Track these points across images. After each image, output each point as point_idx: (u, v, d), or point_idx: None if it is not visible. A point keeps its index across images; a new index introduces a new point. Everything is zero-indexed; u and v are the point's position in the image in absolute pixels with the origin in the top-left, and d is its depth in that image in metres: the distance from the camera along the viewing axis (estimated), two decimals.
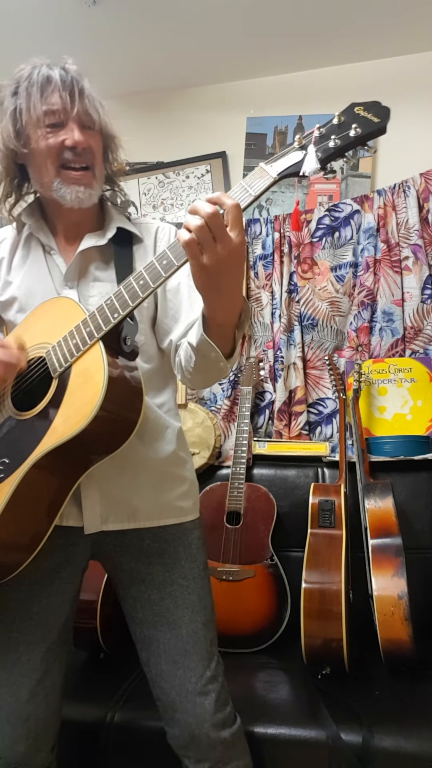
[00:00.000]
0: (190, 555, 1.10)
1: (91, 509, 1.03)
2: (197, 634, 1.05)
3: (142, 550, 1.07)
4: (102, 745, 1.31)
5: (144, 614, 1.07)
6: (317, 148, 0.81)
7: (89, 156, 1.03)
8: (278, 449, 2.09)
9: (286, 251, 2.31)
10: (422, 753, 1.19)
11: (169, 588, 1.06)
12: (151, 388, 1.10)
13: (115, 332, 0.92)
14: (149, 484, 1.08)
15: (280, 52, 2.35)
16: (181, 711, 1.02)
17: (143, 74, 2.48)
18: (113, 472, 1.03)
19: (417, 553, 1.77)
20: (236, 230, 0.79)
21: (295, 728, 1.26)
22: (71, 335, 0.94)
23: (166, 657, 1.04)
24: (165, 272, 0.86)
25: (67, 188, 1.03)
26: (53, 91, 1.00)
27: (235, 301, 0.87)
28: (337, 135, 0.80)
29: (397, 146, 2.35)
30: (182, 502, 1.12)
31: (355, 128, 0.79)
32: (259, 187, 0.83)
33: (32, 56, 1.09)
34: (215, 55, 2.37)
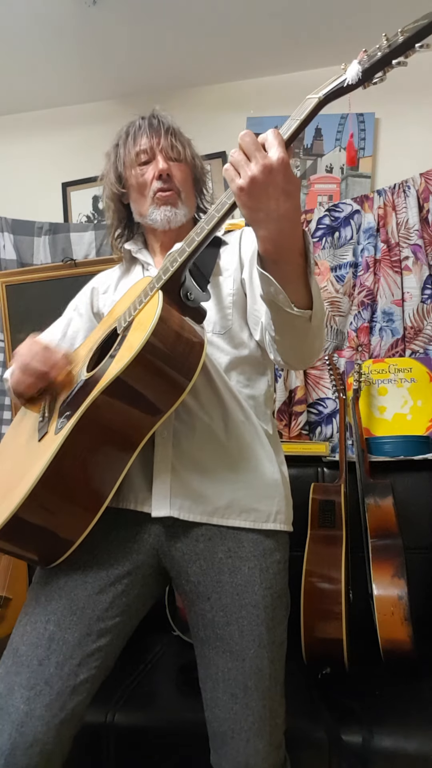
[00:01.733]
0: (266, 580, 0.99)
1: (161, 491, 0.98)
2: (261, 672, 0.96)
3: (214, 563, 0.99)
4: (102, 745, 1.31)
5: (206, 634, 0.99)
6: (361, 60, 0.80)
7: (174, 181, 1.16)
8: None
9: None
10: (422, 753, 1.19)
11: (237, 614, 0.96)
12: (240, 376, 1.09)
13: (174, 283, 0.92)
14: (225, 473, 1.01)
15: (280, 52, 2.35)
16: (232, 746, 0.95)
17: (143, 74, 2.48)
18: (189, 457, 1.00)
19: (417, 553, 1.77)
20: (274, 147, 0.77)
21: (295, 728, 1.26)
22: (138, 297, 0.98)
23: (224, 686, 0.96)
24: (217, 212, 0.86)
25: (157, 210, 1.16)
26: (142, 135, 1.17)
27: (285, 230, 0.80)
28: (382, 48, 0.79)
29: (397, 146, 2.35)
30: (262, 505, 1.03)
31: (401, 32, 0.78)
32: (304, 110, 0.81)
33: (32, 56, 1.12)
34: (215, 55, 2.37)
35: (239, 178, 0.78)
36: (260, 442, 1.07)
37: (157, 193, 1.15)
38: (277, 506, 1.06)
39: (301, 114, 0.80)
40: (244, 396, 1.08)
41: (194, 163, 1.22)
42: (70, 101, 2.61)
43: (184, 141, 1.20)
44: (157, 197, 1.16)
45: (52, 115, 2.67)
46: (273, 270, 0.83)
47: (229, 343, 1.09)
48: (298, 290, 0.85)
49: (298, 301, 0.85)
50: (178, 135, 1.19)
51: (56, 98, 2.60)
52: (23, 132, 2.70)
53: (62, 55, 2.29)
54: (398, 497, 1.74)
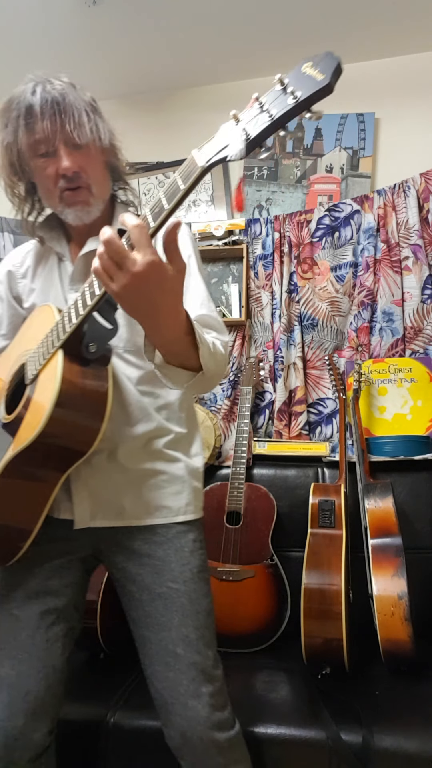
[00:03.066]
0: (181, 558, 1.09)
1: (80, 506, 1.07)
2: (188, 638, 1.04)
3: (133, 551, 1.09)
4: (102, 745, 1.31)
5: (137, 614, 1.08)
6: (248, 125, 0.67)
7: (82, 177, 1.04)
8: (278, 449, 2.09)
9: (286, 251, 2.31)
10: (422, 753, 1.19)
11: (159, 590, 1.06)
12: (151, 389, 1.12)
13: (74, 339, 0.91)
14: (134, 483, 1.10)
15: (281, 52, 2.35)
16: (174, 713, 1.02)
17: (143, 74, 2.48)
18: (100, 470, 1.06)
19: (417, 553, 1.77)
20: (142, 250, 0.74)
21: (295, 728, 1.26)
22: (42, 344, 0.98)
23: (158, 658, 1.05)
24: (99, 289, 0.83)
25: (68, 209, 1.07)
26: (35, 121, 0.99)
27: (165, 323, 0.84)
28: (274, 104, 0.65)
29: (397, 146, 2.35)
30: (171, 501, 1.11)
31: (293, 93, 0.63)
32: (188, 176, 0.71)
33: (32, 56, 1.09)
34: (215, 55, 2.37)
35: (113, 284, 0.77)
36: (170, 446, 1.13)
37: (65, 192, 1.04)
38: (186, 500, 1.13)
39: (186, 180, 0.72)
40: (155, 407, 1.12)
41: (100, 140, 1.05)
42: None
43: (85, 115, 1.02)
44: (65, 196, 1.05)
45: None
46: (164, 351, 0.90)
47: (140, 358, 1.10)
48: (190, 359, 0.91)
49: (191, 367, 0.92)
50: (80, 113, 1.00)
51: None
52: None
53: (62, 55, 2.29)
54: (398, 497, 1.74)
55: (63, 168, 1.01)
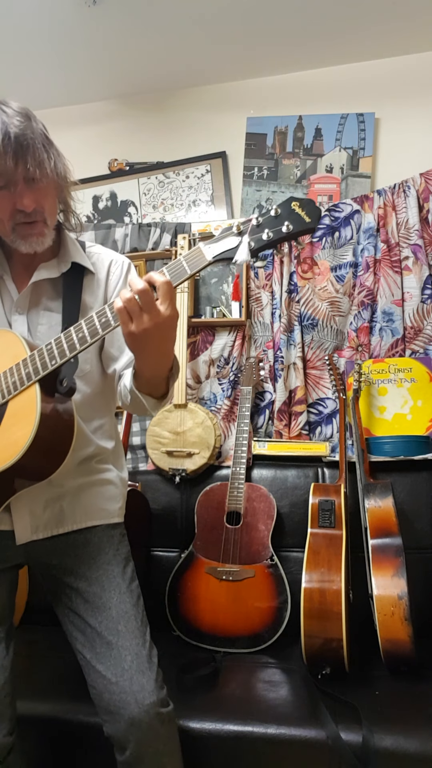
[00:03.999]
0: (112, 545, 1.19)
1: (21, 522, 1.11)
2: (127, 614, 1.10)
3: (68, 544, 1.16)
4: (102, 745, 1.31)
5: (76, 604, 1.13)
6: (251, 238, 0.88)
7: (39, 212, 1.07)
8: (278, 449, 2.09)
9: (286, 251, 2.31)
10: (422, 753, 1.19)
11: (95, 573, 1.13)
12: (89, 411, 1.18)
13: (52, 375, 1.00)
14: (73, 493, 1.16)
15: (281, 52, 2.35)
16: (119, 691, 1.03)
17: (143, 74, 2.48)
18: (40, 489, 1.09)
19: (417, 553, 1.77)
20: (166, 304, 0.88)
21: (295, 728, 1.26)
22: (11, 372, 1.02)
23: (100, 639, 1.08)
24: (102, 330, 0.95)
25: (21, 241, 1.08)
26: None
27: (161, 363, 0.98)
28: (270, 228, 0.87)
29: (397, 146, 2.35)
30: (107, 505, 1.21)
31: (287, 225, 0.86)
32: (195, 266, 0.91)
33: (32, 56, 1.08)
34: (215, 55, 2.37)
35: (132, 325, 0.89)
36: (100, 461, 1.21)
37: (20, 225, 1.06)
38: (119, 503, 1.25)
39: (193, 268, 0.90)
40: (92, 429, 1.19)
41: (57, 175, 1.07)
42: (70, 101, 2.61)
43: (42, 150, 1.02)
44: (21, 229, 1.06)
45: (52, 114, 2.66)
46: (144, 381, 1.02)
47: (84, 384, 1.17)
48: (160, 390, 1.05)
49: (156, 395, 1.05)
50: (38, 151, 1.01)
51: (56, 98, 2.60)
52: None
53: (62, 55, 2.29)
54: (398, 497, 1.74)
55: (23, 205, 1.03)
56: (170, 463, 2.05)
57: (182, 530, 1.96)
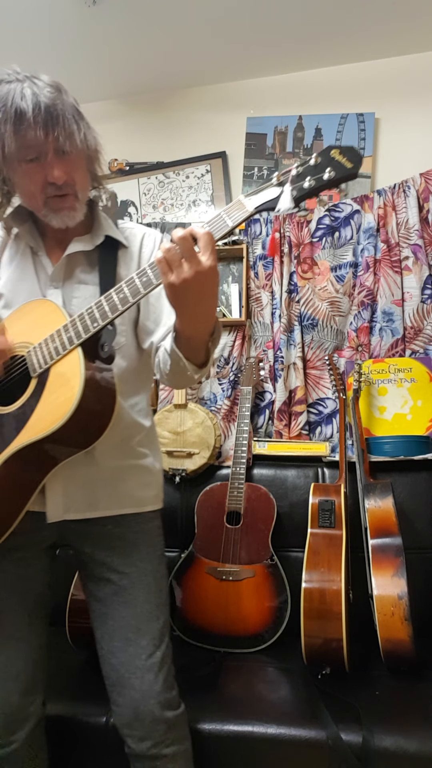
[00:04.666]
0: (148, 540, 1.17)
1: (54, 499, 1.09)
2: (151, 614, 1.11)
3: (103, 534, 1.14)
4: (102, 745, 1.31)
5: (103, 593, 1.13)
6: (293, 187, 0.87)
7: (70, 185, 1.06)
8: (278, 449, 2.09)
9: (286, 251, 2.30)
10: (422, 753, 1.19)
11: (127, 569, 1.13)
12: (127, 388, 1.16)
13: (93, 339, 0.98)
14: (108, 476, 1.14)
15: (280, 52, 2.35)
16: (129, 687, 1.07)
17: (143, 74, 2.48)
18: (76, 465, 1.07)
19: (417, 553, 1.77)
20: (206, 254, 0.86)
21: (295, 728, 1.26)
22: (52, 338, 1.00)
23: (120, 634, 1.10)
24: (143, 289, 0.93)
25: (53, 214, 1.07)
26: (27, 128, 0.98)
27: (203, 320, 0.95)
28: (312, 176, 0.85)
29: (397, 146, 2.35)
30: (142, 491, 1.18)
31: (329, 172, 0.84)
32: (236, 218, 0.89)
33: (32, 56, 1.08)
34: (215, 55, 2.37)
35: (172, 276, 0.87)
36: (137, 443, 1.18)
37: (52, 198, 1.05)
38: (155, 491, 1.22)
39: (234, 221, 0.89)
40: (128, 406, 1.17)
41: (87, 147, 1.07)
42: None
43: (74, 122, 1.02)
44: (52, 203, 1.06)
45: None
46: (184, 342, 0.99)
47: (120, 358, 1.14)
48: (199, 356, 1.01)
49: (196, 361, 1.01)
50: (69, 122, 1.01)
51: None
52: None
53: (62, 55, 2.29)
54: (398, 497, 1.74)
55: (54, 177, 1.02)
56: (170, 463, 2.05)
57: (182, 530, 1.96)
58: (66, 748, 1.33)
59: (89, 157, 1.10)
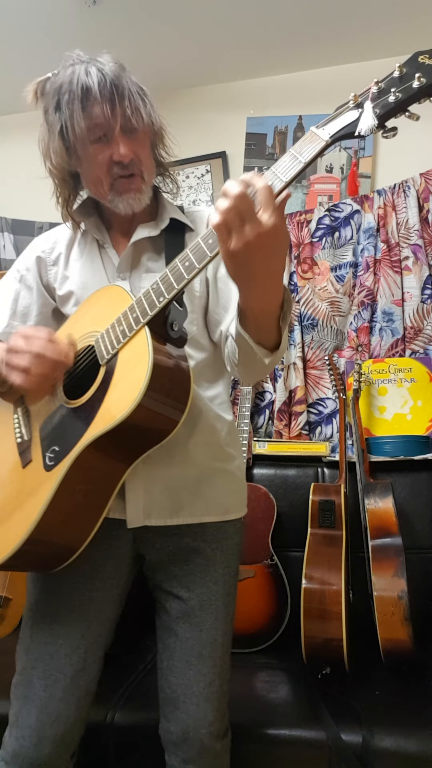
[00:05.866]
0: (225, 560, 1.09)
1: (135, 503, 1.02)
2: (215, 642, 1.05)
3: (180, 546, 1.06)
4: (102, 745, 1.31)
5: (170, 606, 1.06)
6: (375, 104, 0.73)
7: (136, 165, 1.02)
8: (278, 449, 2.09)
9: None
10: (422, 753, 1.19)
11: (199, 589, 1.05)
12: (203, 380, 1.09)
13: (161, 317, 0.89)
14: (194, 479, 1.06)
15: (281, 52, 2.35)
16: (183, 710, 1.02)
17: (143, 74, 2.45)
18: (159, 465, 1.01)
19: (417, 553, 1.77)
20: (269, 211, 0.72)
21: (295, 728, 1.26)
22: (118, 322, 0.93)
23: (181, 654, 1.03)
24: (210, 252, 0.82)
25: (119, 198, 1.03)
26: (94, 104, 0.96)
27: (270, 290, 0.81)
28: (398, 88, 0.72)
29: (397, 146, 2.34)
30: (226, 498, 1.10)
31: (419, 78, 0.71)
32: (309, 153, 0.75)
33: (32, 56, 1.08)
34: (215, 55, 2.37)
35: (232, 242, 0.74)
36: (224, 441, 1.10)
37: (119, 180, 1.02)
38: (239, 497, 1.14)
39: (306, 156, 0.75)
40: (207, 398, 1.09)
41: (152, 126, 1.04)
42: None
43: (140, 101, 1.01)
44: (119, 184, 1.02)
45: None
46: (251, 322, 0.86)
47: (193, 348, 1.07)
48: (270, 338, 0.88)
49: (267, 345, 0.88)
50: (135, 97, 0.99)
51: None
52: (24, 132, 2.70)
53: (62, 55, 2.29)
54: (398, 497, 1.74)
55: (120, 155, 0.98)
56: None
57: None
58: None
59: (154, 137, 1.07)
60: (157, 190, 1.16)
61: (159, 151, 1.11)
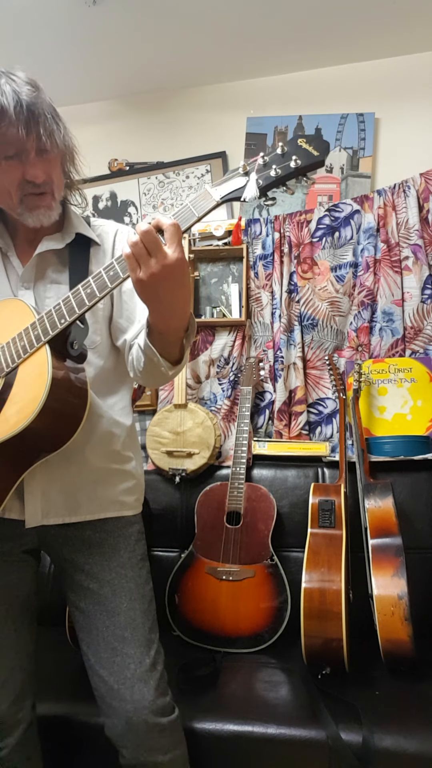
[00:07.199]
0: (128, 546, 1.15)
1: (32, 504, 1.07)
2: (135, 621, 1.09)
3: (83, 540, 1.12)
4: (101, 745, 1.31)
5: (85, 603, 1.11)
6: (259, 176, 0.86)
7: (48, 184, 1.06)
8: (278, 449, 2.09)
9: (286, 251, 2.30)
10: (422, 753, 1.19)
11: (108, 576, 1.11)
12: (104, 387, 1.15)
13: (61, 337, 0.96)
14: (91, 480, 1.12)
15: (280, 52, 2.35)
16: (119, 698, 1.04)
17: (143, 74, 2.48)
18: (55, 468, 1.06)
19: (417, 553, 1.77)
20: (173, 247, 0.85)
21: (295, 728, 1.26)
22: (20, 337, 0.99)
23: (105, 644, 1.07)
24: (111, 283, 0.91)
25: (29, 213, 1.07)
26: (8, 125, 0.97)
27: (176, 314, 0.92)
28: (278, 165, 0.85)
29: (397, 146, 2.35)
30: (124, 497, 1.17)
31: (295, 160, 0.84)
32: (202, 208, 0.88)
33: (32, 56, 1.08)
34: (215, 55, 2.37)
35: (140, 271, 0.85)
36: (121, 444, 1.17)
37: (29, 196, 1.05)
38: (136, 495, 1.20)
39: (200, 211, 0.88)
40: (107, 405, 1.15)
41: (65, 147, 1.07)
42: (70, 101, 2.61)
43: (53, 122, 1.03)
44: (29, 200, 1.05)
45: None
46: (158, 338, 0.96)
47: (96, 356, 1.13)
48: (173, 353, 0.99)
49: (170, 359, 0.98)
50: (49, 121, 1.02)
51: (56, 98, 2.58)
52: None
53: (62, 55, 2.29)
54: (398, 497, 1.74)
55: (33, 175, 1.02)
56: (170, 463, 2.05)
57: (182, 530, 1.96)
58: (66, 748, 1.33)
59: (65, 157, 1.10)
60: (65, 202, 1.19)
61: (69, 168, 1.14)
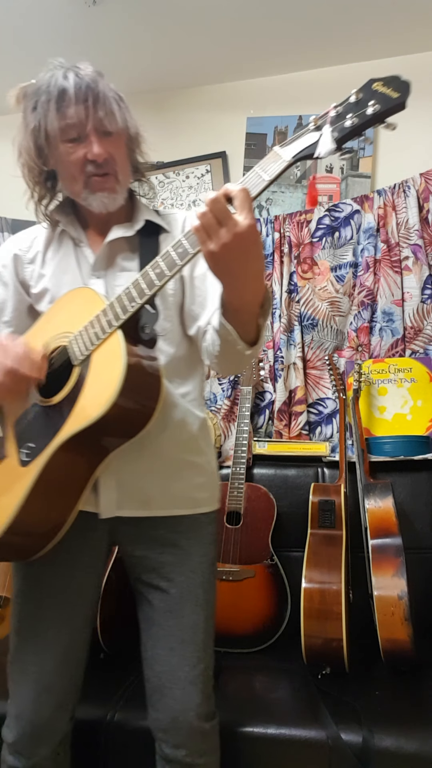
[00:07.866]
0: (201, 548, 1.13)
1: (107, 495, 1.06)
2: (197, 626, 1.08)
3: (156, 539, 1.10)
4: (101, 744, 1.31)
5: (152, 599, 1.10)
6: (333, 128, 0.79)
7: (111, 164, 1.06)
8: (278, 449, 2.09)
9: (286, 251, 2.31)
10: (422, 753, 1.19)
11: (178, 578, 1.09)
12: (175, 376, 1.12)
13: (132, 321, 0.94)
14: (164, 472, 1.10)
15: (280, 52, 2.35)
16: (170, 696, 1.05)
17: (143, 74, 2.48)
18: (130, 459, 1.05)
19: (417, 553, 1.77)
20: (243, 213, 0.79)
21: (295, 728, 1.26)
22: (92, 324, 0.97)
23: (164, 642, 1.07)
24: (180, 260, 0.88)
25: (93, 196, 1.07)
26: (68, 105, 1.00)
27: (250, 287, 0.87)
28: (354, 113, 0.78)
29: (397, 146, 2.35)
30: (197, 493, 1.13)
31: (373, 105, 0.77)
32: (273, 171, 0.82)
33: (32, 56, 1.09)
34: (215, 55, 2.37)
35: (211, 243, 0.81)
36: (194, 436, 1.14)
37: (92, 178, 1.05)
38: (210, 491, 1.17)
39: (270, 174, 0.82)
40: (179, 394, 1.13)
41: (128, 130, 1.08)
42: None
43: (115, 105, 1.05)
44: (93, 182, 1.05)
45: None
46: (233, 316, 0.92)
47: (167, 344, 1.11)
48: (249, 332, 0.93)
49: (246, 338, 0.94)
50: (110, 101, 1.04)
51: None
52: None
53: (62, 55, 2.28)
54: (398, 497, 1.74)
55: (94, 154, 1.02)
56: None
57: None
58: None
59: (130, 141, 1.10)
60: (132, 192, 1.19)
61: (135, 155, 1.14)
